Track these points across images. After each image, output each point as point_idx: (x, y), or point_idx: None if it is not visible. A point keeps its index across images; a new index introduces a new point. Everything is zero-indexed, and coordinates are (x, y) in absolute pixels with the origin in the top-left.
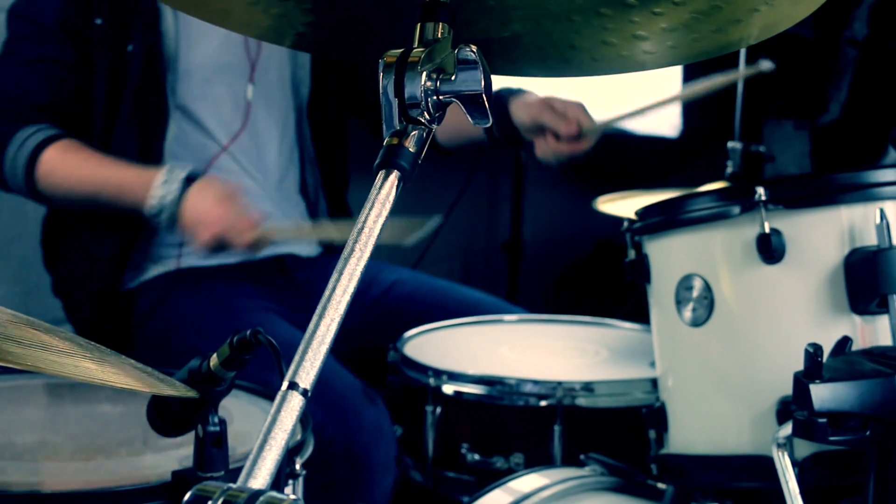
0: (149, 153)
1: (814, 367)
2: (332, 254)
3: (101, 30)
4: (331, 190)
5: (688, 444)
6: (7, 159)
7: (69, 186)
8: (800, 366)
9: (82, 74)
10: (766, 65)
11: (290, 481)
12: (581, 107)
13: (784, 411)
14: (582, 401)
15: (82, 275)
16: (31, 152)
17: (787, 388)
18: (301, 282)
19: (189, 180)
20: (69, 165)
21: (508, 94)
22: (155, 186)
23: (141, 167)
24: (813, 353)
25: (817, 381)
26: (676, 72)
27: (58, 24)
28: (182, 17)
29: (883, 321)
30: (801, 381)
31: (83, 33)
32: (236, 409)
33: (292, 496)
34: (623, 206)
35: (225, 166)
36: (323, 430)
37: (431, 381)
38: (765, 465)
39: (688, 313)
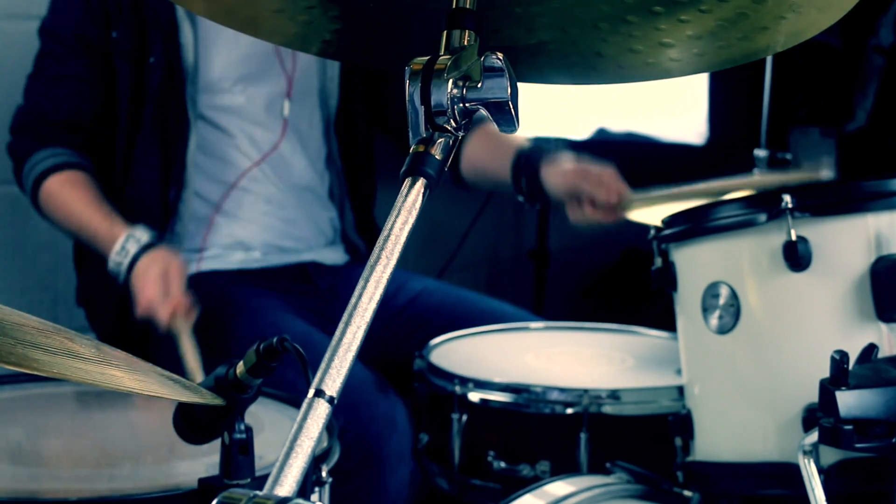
0: (171, 163)
1: (840, 374)
2: (357, 262)
3: (119, 43)
4: (357, 201)
5: (714, 451)
6: (23, 176)
7: (58, 219)
8: (826, 373)
9: (103, 88)
10: (825, 173)
11: (317, 489)
12: (616, 174)
13: (810, 419)
14: (608, 408)
15: (105, 281)
16: (36, 177)
17: (814, 396)
18: (324, 289)
19: (146, 247)
20: (62, 200)
21: (540, 157)
22: (114, 250)
23: (116, 219)
24: (839, 360)
25: (843, 388)
26: (703, 79)
27: (75, 40)
28: (201, 29)
29: None
30: (828, 389)
31: (101, 47)
32: (266, 417)
33: (318, 503)
34: (650, 213)
35: (253, 176)
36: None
37: (457, 388)
38: (791, 473)
39: (714, 321)
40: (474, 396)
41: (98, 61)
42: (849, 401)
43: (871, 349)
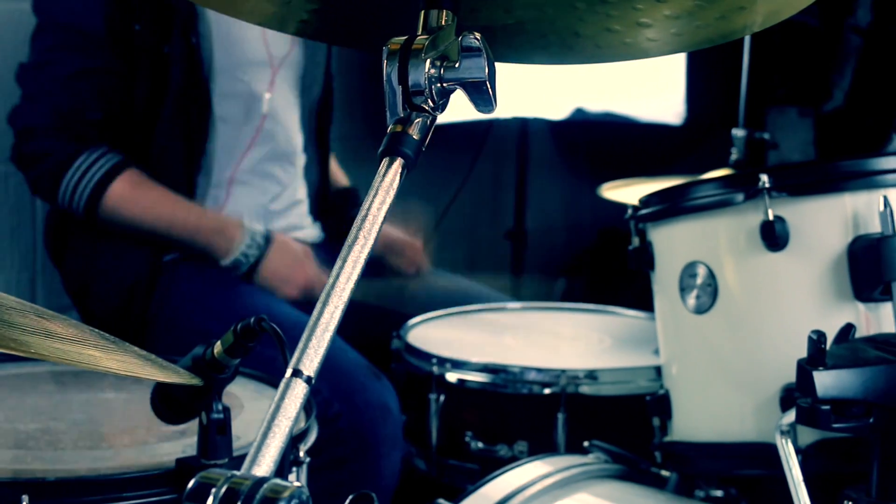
0: (192, 156)
1: (817, 354)
2: (335, 240)
3: (141, 35)
4: (324, 181)
5: (691, 431)
6: (66, 181)
7: (137, 220)
8: (803, 353)
9: (126, 81)
10: None
11: (294, 469)
12: (419, 248)
13: (788, 398)
14: (585, 388)
15: (106, 268)
16: (98, 181)
17: (791, 376)
18: None
19: (267, 240)
20: (143, 200)
21: None
22: (236, 245)
23: (216, 214)
24: (816, 340)
25: (821, 368)
26: (680, 59)
27: (105, 32)
28: (219, 17)
29: (886, 308)
30: (805, 369)
31: (126, 40)
32: (244, 397)
33: (296, 483)
34: (627, 193)
35: (246, 166)
36: (329, 407)
37: (435, 369)
38: (768, 453)
39: (692, 301)
40: (452, 377)
41: (125, 55)
42: (826, 381)
43: (848, 329)
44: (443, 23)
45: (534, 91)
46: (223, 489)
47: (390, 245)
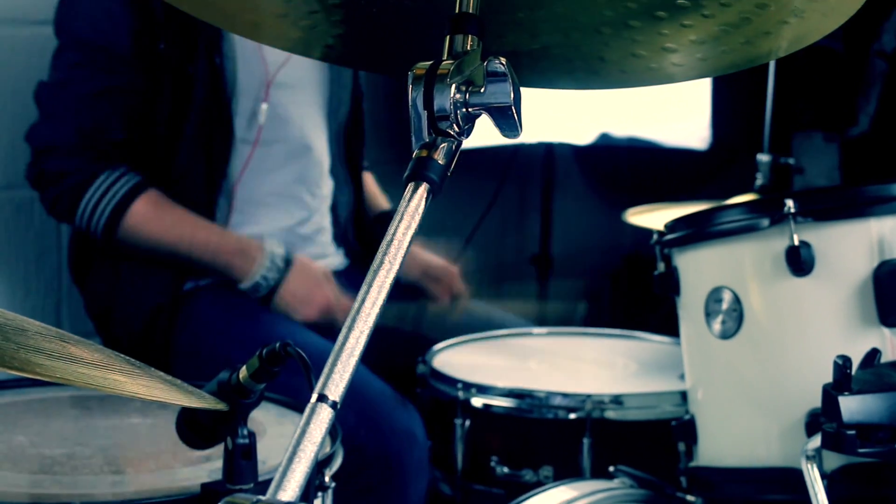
0: (213, 177)
1: (843, 379)
2: (359, 267)
3: (165, 55)
4: (356, 206)
5: (717, 456)
6: (85, 200)
7: (157, 241)
8: (829, 378)
9: (148, 100)
10: None
11: (320, 494)
12: (456, 274)
13: (813, 423)
14: (611, 413)
15: (130, 292)
16: (119, 201)
17: (817, 401)
18: None
19: (287, 263)
20: (164, 221)
21: None
22: (257, 267)
23: (237, 236)
24: (842, 365)
25: (846, 393)
26: (706, 84)
27: (131, 51)
28: (236, 37)
29: None
30: (830, 394)
31: (150, 59)
32: (269, 422)
33: None
34: (652, 218)
35: (269, 190)
36: (355, 436)
37: (461, 394)
38: (794, 478)
39: (717, 326)
40: (477, 402)
41: (145, 72)
42: (851, 406)
43: (873, 354)
44: (468, 48)
45: (559, 116)
46: None
47: (427, 271)
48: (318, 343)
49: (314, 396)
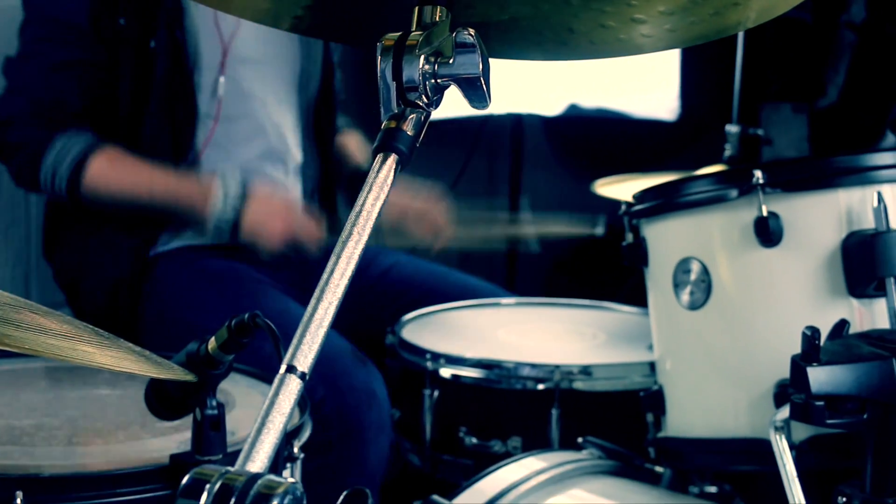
0: (180, 151)
1: (811, 350)
2: (331, 235)
3: (126, 29)
4: (326, 179)
5: (685, 427)
6: (45, 165)
7: (119, 192)
8: (797, 349)
9: (109, 74)
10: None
11: (289, 464)
12: (439, 211)
13: (782, 394)
14: (580, 384)
15: (95, 262)
16: (76, 158)
17: (785, 372)
18: (297, 261)
19: (243, 195)
20: (120, 173)
21: None
22: (214, 201)
23: (193, 177)
24: (810, 336)
25: (815, 364)
26: (674, 55)
27: (89, 25)
28: (201, 10)
29: (880, 304)
30: (799, 364)
31: (109, 33)
32: (238, 392)
33: (290, 479)
34: (621, 189)
35: (227, 157)
36: (313, 392)
37: (429, 364)
38: (762, 449)
39: (685, 296)
40: (446, 372)
41: (105, 46)
42: (820, 377)
43: (842, 325)
44: (437, 19)
45: (528, 87)
46: (217, 485)
47: (407, 213)
48: (287, 308)
49: (283, 367)
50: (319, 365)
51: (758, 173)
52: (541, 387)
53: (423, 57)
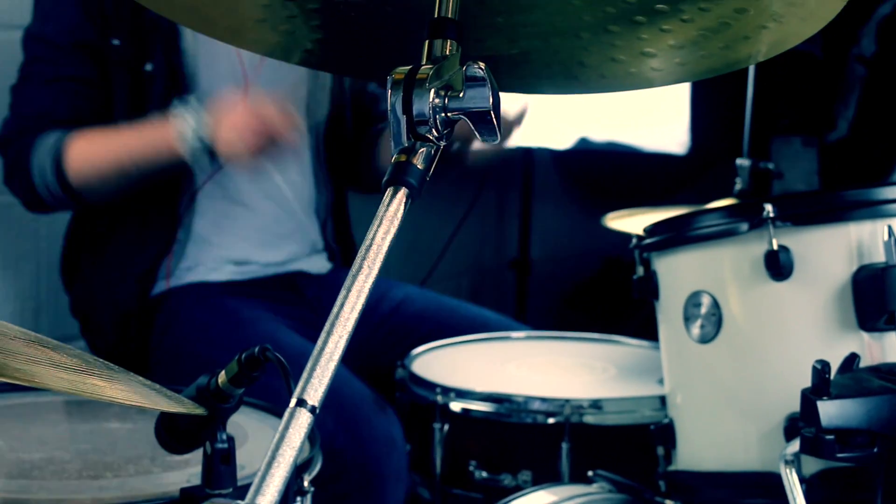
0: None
1: (821, 383)
2: (340, 270)
3: (119, 50)
4: (338, 208)
5: (696, 460)
6: (34, 167)
7: (101, 167)
8: (807, 382)
9: (101, 91)
10: None
11: (299, 498)
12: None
13: (792, 428)
14: (590, 418)
15: (104, 295)
16: (55, 149)
17: (795, 405)
18: (311, 298)
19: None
20: (96, 147)
21: None
22: (183, 135)
23: (157, 122)
24: (821, 369)
25: (825, 397)
26: (685, 89)
27: (72, 44)
28: (200, 35)
29: (891, 338)
30: (809, 398)
31: (100, 52)
32: (249, 426)
33: None
34: (631, 222)
35: (242, 188)
36: (334, 440)
37: (439, 398)
38: (773, 482)
39: (696, 330)
40: (456, 406)
41: (97, 65)
42: (830, 410)
43: (852, 359)
44: (447, 52)
45: (538, 121)
46: None
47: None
48: (299, 345)
49: (293, 401)
50: (341, 412)
51: (768, 207)
52: (551, 420)
53: (433, 90)
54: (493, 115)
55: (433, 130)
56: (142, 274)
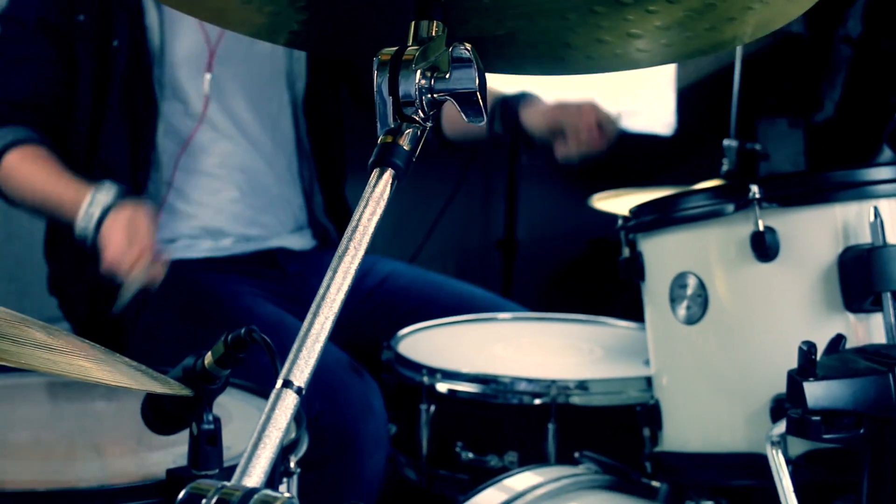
0: (139, 148)
1: (808, 364)
2: (325, 248)
3: (84, 26)
4: (327, 184)
5: (682, 442)
6: None
7: (21, 194)
8: (794, 364)
9: (65, 71)
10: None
11: (285, 479)
12: (594, 105)
13: (778, 409)
14: (576, 399)
15: (76, 269)
16: None
17: (782, 386)
18: (293, 274)
19: (111, 206)
20: (24, 173)
21: (520, 99)
22: (80, 212)
23: (80, 184)
24: (807, 350)
25: (811, 378)
26: (670, 70)
27: (37, 22)
28: (166, 10)
29: (877, 319)
30: (795, 379)
31: (65, 30)
32: (235, 407)
33: (287, 494)
34: (617, 203)
35: (212, 160)
36: (310, 406)
37: (425, 379)
38: (759, 463)
39: (682, 311)
40: (442, 387)
41: (61, 44)
42: (816, 392)
43: (838, 340)
44: (433, 33)
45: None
46: (214, 500)
47: (562, 109)
48: (274, 314)
49: (279, 382)
50: (316, 378)
51: (754, 188)
52: (537, 402)
53: (419, 72)
54: (479, 96)
55: (419, 111)
56: None
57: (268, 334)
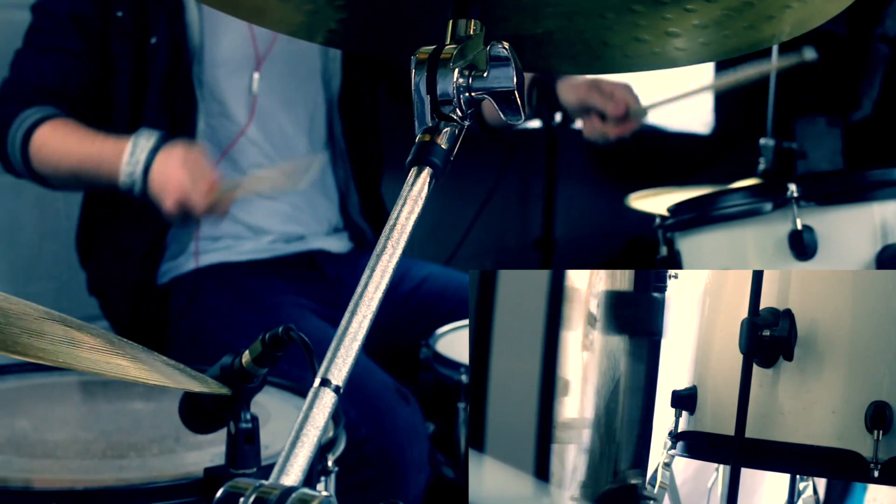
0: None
1: None
2: (363, 250)
3: (122, 22)
4: (362, 183)
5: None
6: (9, 138)
7: (57, 161)
8: None
9: (95, 66)
10: (809, 54)
11: (323, 478)
12: (628, 88)
13: None
14: None
15: (117, 271)
16: (26, 130)
17: None
18: (332, 277)
19: (157, 148)
20: (57, 139)
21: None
22: (123, 160)
23: (118, 137)
24: None
25: None
26: (709, 69)
27: (67, 15)
28: (206, 7)
29: None
30: None
31: (98, 25)
32: (272, 406)
33: (324, 493)
34: (655, 202)
35: (253, 161)
36: (357, 430)
37: (464, 377)
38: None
39: None
40: None
41: (92, 38)
42: None
43: None
44: (471, 32)
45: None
46: (252, 498)
47: (596, 87)
48: (319, 326)
49: (317, 381)
50: (363, 402)
51: (792, 187)
52: None
53: (457, 70)
54: (517, 95)
55: (457, 110)
56: (149, 247)
57: (307, 339)
